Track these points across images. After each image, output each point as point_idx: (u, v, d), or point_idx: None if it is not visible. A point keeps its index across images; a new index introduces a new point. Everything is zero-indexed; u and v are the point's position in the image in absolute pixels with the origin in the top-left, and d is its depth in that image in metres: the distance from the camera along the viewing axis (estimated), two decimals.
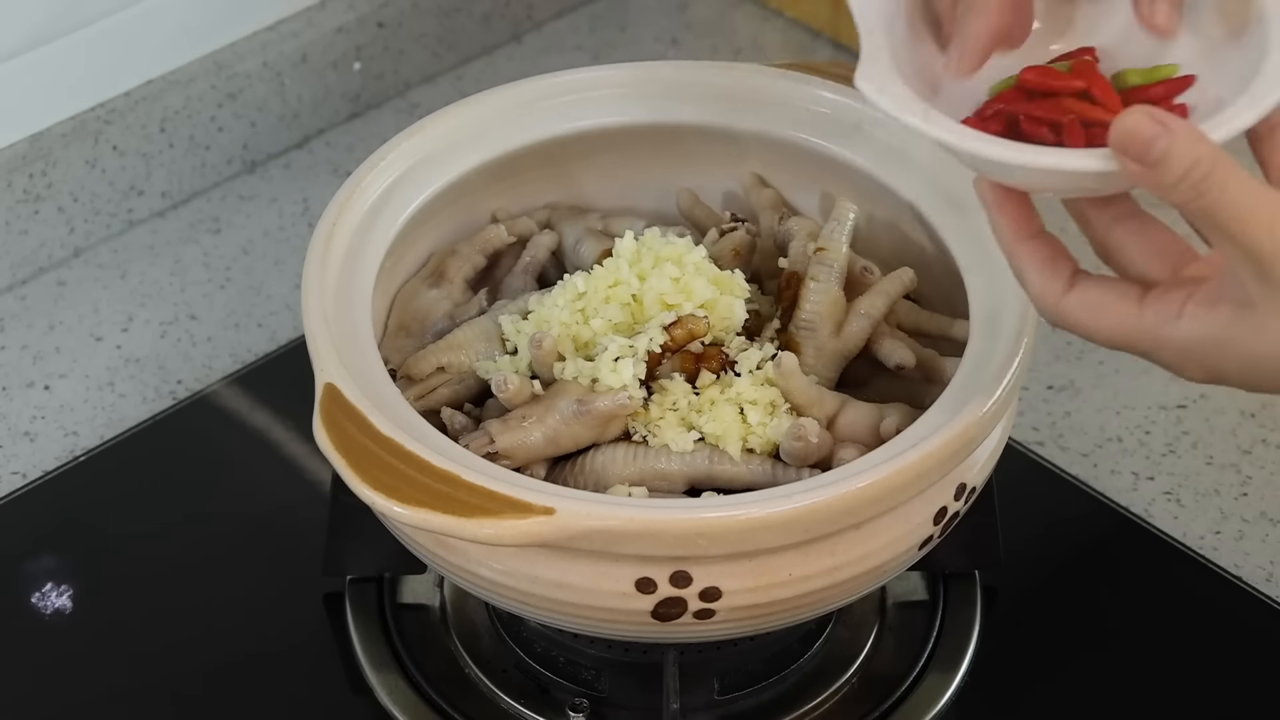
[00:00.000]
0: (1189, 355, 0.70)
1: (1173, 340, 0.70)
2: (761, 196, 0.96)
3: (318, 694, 0.93)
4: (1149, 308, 0.71)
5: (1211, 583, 0.98)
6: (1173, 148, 0.66)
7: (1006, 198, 0.73)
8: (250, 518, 1.01)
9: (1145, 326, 0.71)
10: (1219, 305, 0.69)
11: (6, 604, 0.97)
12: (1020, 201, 0.73)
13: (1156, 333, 0.71)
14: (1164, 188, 0.67)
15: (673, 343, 0.85)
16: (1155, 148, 0.66)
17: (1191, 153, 0.66)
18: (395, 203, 0.91)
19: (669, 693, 0.88)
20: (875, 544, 0.80)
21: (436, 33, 1.29)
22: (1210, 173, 0.66)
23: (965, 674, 0.93)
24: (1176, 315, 0.70)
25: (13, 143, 1.14)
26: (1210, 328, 0.70)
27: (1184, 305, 0.70)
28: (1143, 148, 0.66)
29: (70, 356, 1.11)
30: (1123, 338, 0.71)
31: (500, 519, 0.75)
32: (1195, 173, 0.66)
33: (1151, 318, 0.71)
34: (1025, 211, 0.73)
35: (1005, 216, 0.73)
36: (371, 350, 0.84)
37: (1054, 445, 1.05)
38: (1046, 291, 0.72)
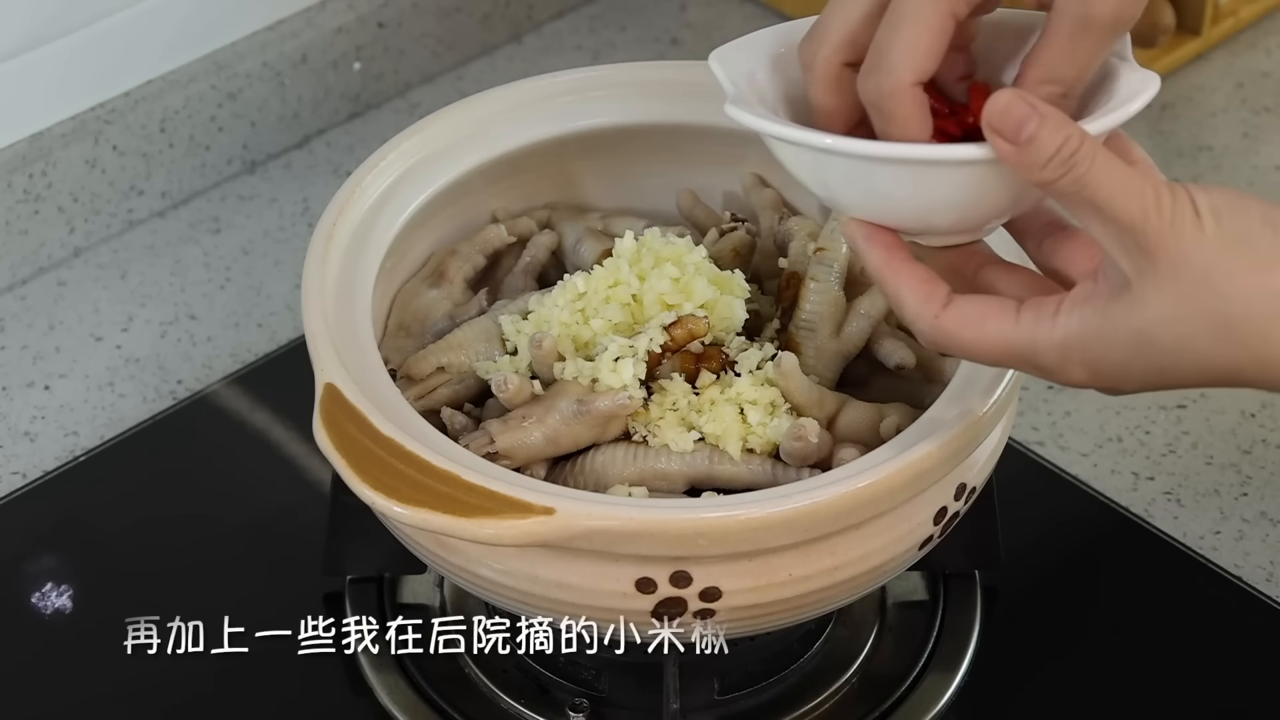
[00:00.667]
0: (1069, 353, 0.70)
1: (1051, 340, 0.70)
2: (761, 196, 0.96)
3: (318, 694, 0.93)
4: (1025, 314, 0.71)
5: (1211, 583, 0.98)
6: (1043, 127, 0.67)
7: (875, 230, 0.74)
8: (250, 518, 1.01)
9: (1022, 332, 0.71)
10: (1094, 297, 0.70)
11: (6, 604, 0.97)
12: (888, 232, 0.74)
13: (1033, 335, 0.71)
14: (1035, 166, 0.68)
15: (673, 343, 0.85)
16: (1027, 127, 0.67)
17: (1061, 131, 0.67)
18: (395, 203, 0.91)
19: (669, 693, 0.87)
20: (875, 544, 0.80)
21: (436, 33, 1.29)
22: (1079, 149, 0.67)
23: (965, 674, 0.93)
24: (1052, 314, 0.70)
25: (13, 143, 1.14)
26: (1087, 318, 0.69)
27: (1060, 303, 0.70)
28: (1015, 126, 0.68)
29: (70, 356, 1.11)
30: (1002, 346, 0.71)
31: (500, 519, 0.75)
32: (1065, 148, 0.67)
33: (1028, 322, 0.71)
34: (894, 240, 0.74)
35: (875, 246, 0.74)
36: (371, 350, 0.84)
37: (1054, 445, 1.05)
38: (923, 311, 0.73)
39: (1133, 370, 0.70)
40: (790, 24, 0.81)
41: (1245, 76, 1.28)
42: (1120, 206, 0.67)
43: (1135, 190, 0.67)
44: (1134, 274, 0.68)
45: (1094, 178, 0.68)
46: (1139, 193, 0.67)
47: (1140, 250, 0.67)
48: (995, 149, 0.68)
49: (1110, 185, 0.67)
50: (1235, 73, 1.28)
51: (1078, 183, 0.68)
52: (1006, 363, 0.72)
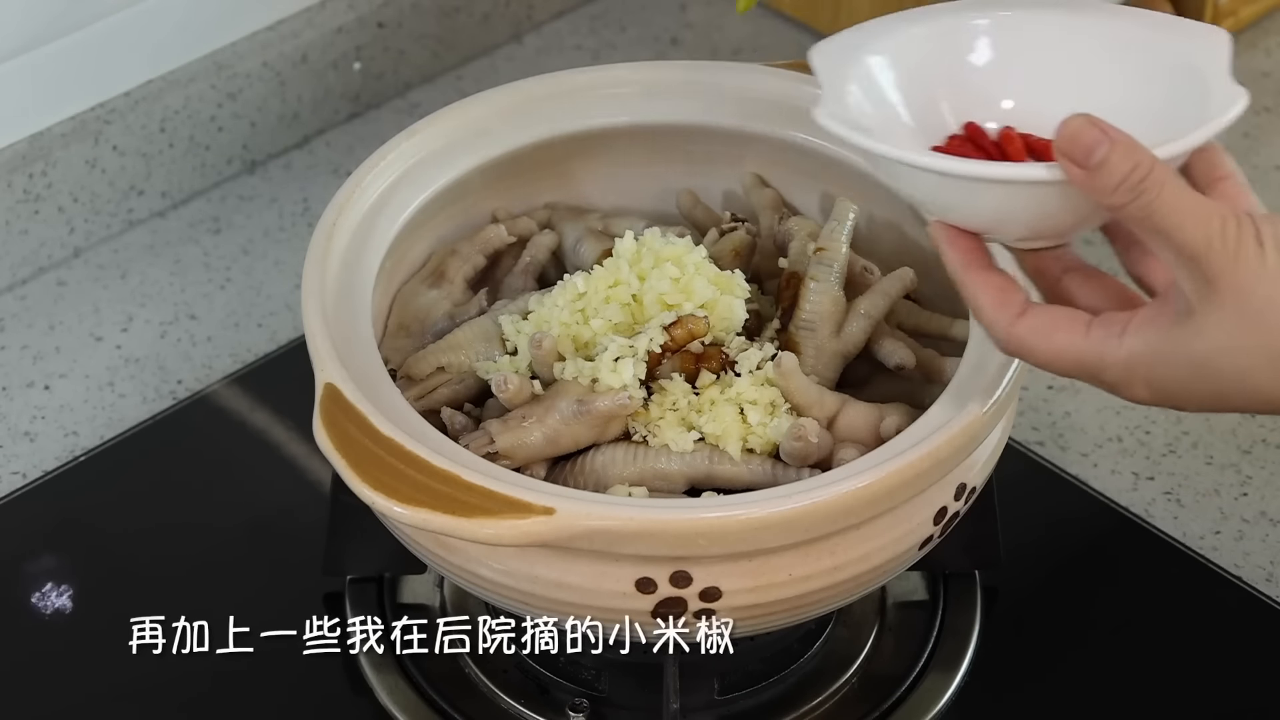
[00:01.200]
0: (1134, 371, 0.71)
1: (1117, 357, 0.71)
2: (761, 196, 0.96)
3: (318, 694, 0.93)
4: (1095, 327, 0.72)
5: (1211, 583, 0.98)
6: (1113, 152, 0.68)
7: (957, 234, 0.75)
8: (250, 518, 1.01)
9: (1091, 346, 0.72)
10: (1160, 319, 0.71)
11: (6, 604, 0.97)
12: (971, 237, 0.75)
13: (1101, 350, 0.72)
14: (1104, 190, 0.69)
15: (673, 343, 0.85)
16: (1098, 152, 0.68)
17: (1131, 157, 0.68)
18: (395, 203, 0.91)
19: (669, 693, 0.87)
20: (875, 544, 0.80)
21: (436, 33, 1.29)
22: (1148, 175, 0.68)
23: (965, 674, 0.93)
24: (1121, 332, 0.72)
25: (13, 143, 1.14)
26: (1152, 340, 0.71)
27: (1129, 322, 0.72)
28: (1085, 151, 0.69)
29: (70, 356, 1.11)
30: (1071, 358, 0.73)
31: (500, 519, 0.75)
32: (1134, 175, 0.68)
33: (1097, 336, 0.72)
34: (976, 245, 0.75)
35: (956, 249, 0.75)
36: (371, 350, 0.84)
37: (1054, 445, 1.05)
38: (999, 318, 0.74)
39: (1194, 393, 0.71)
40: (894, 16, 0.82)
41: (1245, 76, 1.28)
42: (1186, 234, 0.68)
43: (1202, 218, 0.68)
44: (1197, 301, 0.69)
45: (1161, 204, 0.68)
46: (1205, 221, 0.68)
47: (1204, 278, 0.68)
48: (1065, 172, 0.69)
49: (1177, 213, 0.68)
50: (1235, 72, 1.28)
51: (1145, 209, 0.68)
52: (1074, 374, 0.73)
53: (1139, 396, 0.72)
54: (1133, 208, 0.69)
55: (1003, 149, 0.79)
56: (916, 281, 0.90)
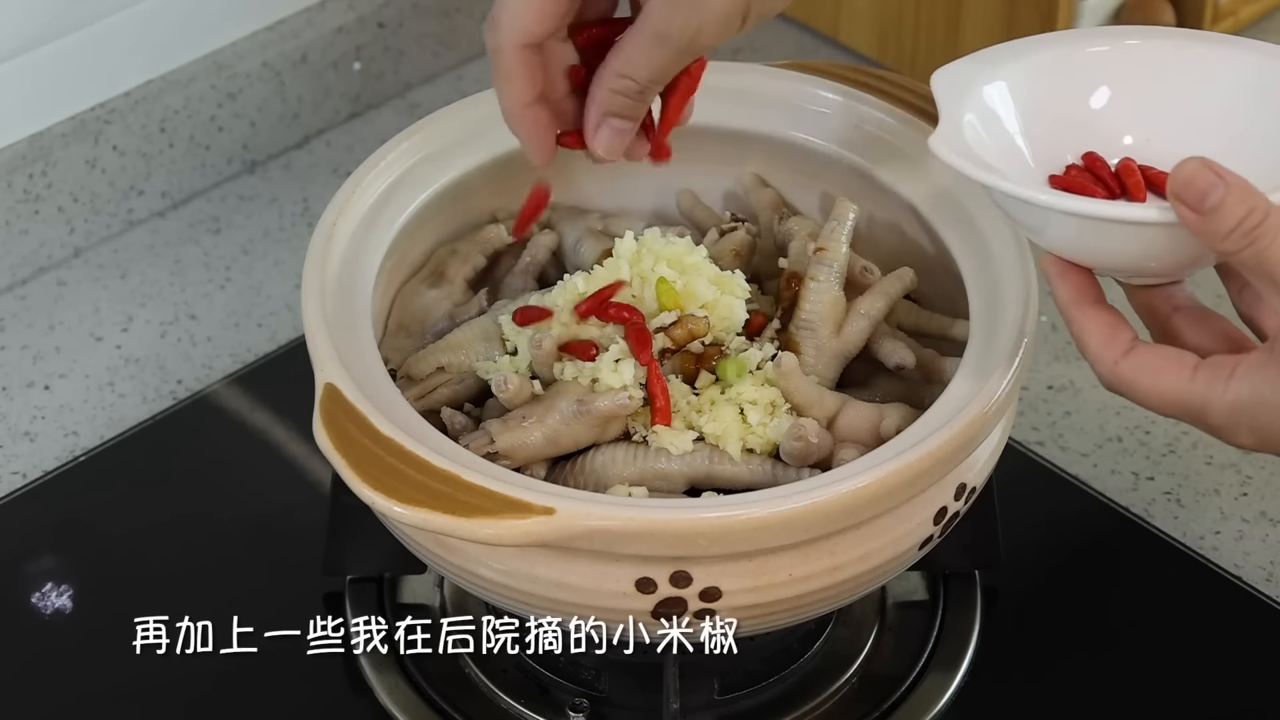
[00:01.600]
0: (1239, 417, 0.71)
1: (1222, 402, 0.71)
2: (761, 196, 0.96)
3: (318, 694, 0.93)
4: (1202, 371, 0.72)
5: (1211, 583, 0.98)
6: (1228, 197, 0.68)
7: (1068, 268, 0.75)
8: (250, 518, 1.01)
9: (1197, 389, 0.72)
10: (1270, 366, 0.70)
11: (6, 604, 0.97)
12: (1082, 271, 0.75)
13: (1207, 395, 0.71)
14: (1218, 236, 0.68)
15: (673, 343, 0.85)
16: (1212, 196, 0.68)
17: (1246, 203, 0.68)
18: (395, 203, 0.91)
19: (669, 693, 0.87)
20: (875, 544, 0.80)
21: (436, 33, 1.29)
22: (1263, 222, 0.68)
23: (965, 674, 0.93)
24: (1228, 377, 0.71)
25: (13, 143, 1.14)
26: (1259, 386, 0.70)
27: (1235, 367, 0.71)
28: (1199, 196, 0.68)
29: (70, 356, 1.11)
30: (1175, 400, 0.72)
31: (500, 519, 0.75)
32: (1248, 221, 0.68)
33: (1203, 380, 0.72)
34: (1086, 279, 0.75)
35: (1066, 284, 0.75)
36: (371, 350, 0.84)
37: (1054, 445, 1.05)
38: (1104, 355, 0.74)
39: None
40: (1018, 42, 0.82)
41: None
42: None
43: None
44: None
45: (1276, 252, 0.68)
46: None
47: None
48: (1179, 215, 0.69)
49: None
50: None
51: (1258, 256, 0.68)
52: (1177, 415, 0.73)
53: (1243, 443, 0.72)
54: (1245, 255, 0.68)
55: (1121, 181, 0.78)
56: (916, 281, 0.90)
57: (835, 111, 0.94)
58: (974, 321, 0.85)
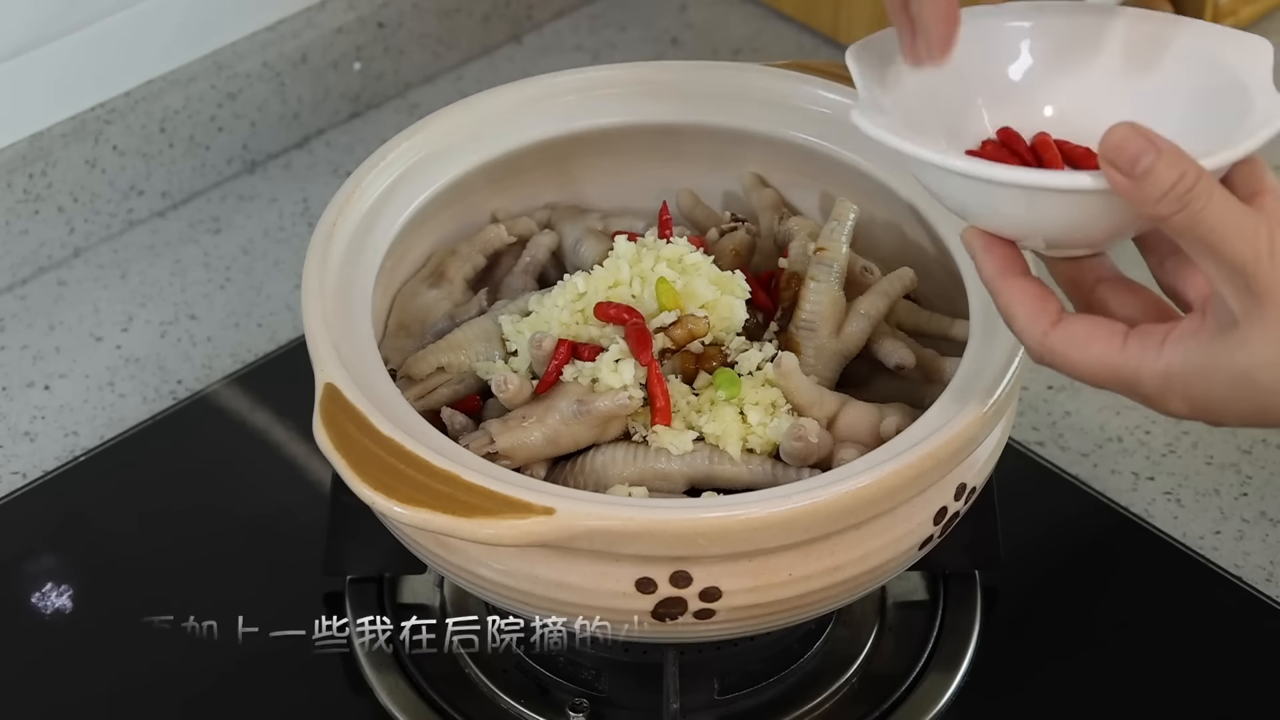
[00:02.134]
0: (1170, 385, 0.70)
1: (1154, 370, 0.71)
2: (761, 196, 0.96)
3: (318, 694, 0.93)
4: (1132, 340, 0.71)
5: (1211, 583, 0.98)
6: (1159, 161, 0.67)
7: (993, 241, 0.74)
8: (250, 518, 1.01)
9: (1128, 358, 0.71)
10: (1200, 332, 0.70)
11: (6, 604, 0.97)
12: (1006, 244, 0.74)
13: (1138, 363, 0.71)
14: (1149, 200, 0.68)
15: (673, 343, 0.85)
16: (1143, 161, 0.67)
17: (1178, 166, 0.67)
18: (395, 203, 0.91)
19: (669, 693, 0.87)
20: (875, 544, 0.80)
21: (436, 33, 1.29)
22: (1195, 186, 0.67)
23: (965, 674, 0.93)
24: (1159, 344, 0.71)
25: (13, 143, 1.14)
26: (1192, 353, 0.70)
27: (1167, 335, 0.71)
28: (1131, 160, 0.67)
29: (70, 356, 1.11)
30: (1105, 370, 0.72)
31: (500, 519, 0.75)
32: (1180, 185, 0.67)
33: (1134, 349, 0.71)
34: (1012, 252, 0.74)
35: (991, 256, 0.74)
36: (371, 350, 0.84)
37: (1054, 445, 1.05)
38: (1032, 326, 0.73)
39: (1233, 408, 0.70)
40: None
41: None
42: (1232, 248, 0.67)
43: (1249, 231, 0.67)
44: (1241, 315, 0.68)
45: (1208, 216, 0.67)
46: (1253, 234, 0.67)
47: (1249, 292, 0.67)
48: (1110, 181, 0.68)
49: (1224, 225, 0.67)
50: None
51: (1191, 220, 0.67)
52: (1109, 385, 0.72)
53: (1176, 410, 0.71)
54: (1178, 219, 0.67)
55: (1038, 155, 0.78)
56: (916, 281, 0.90)
57: (835, 111, 0.94)
58: (974, 321, 0.85)
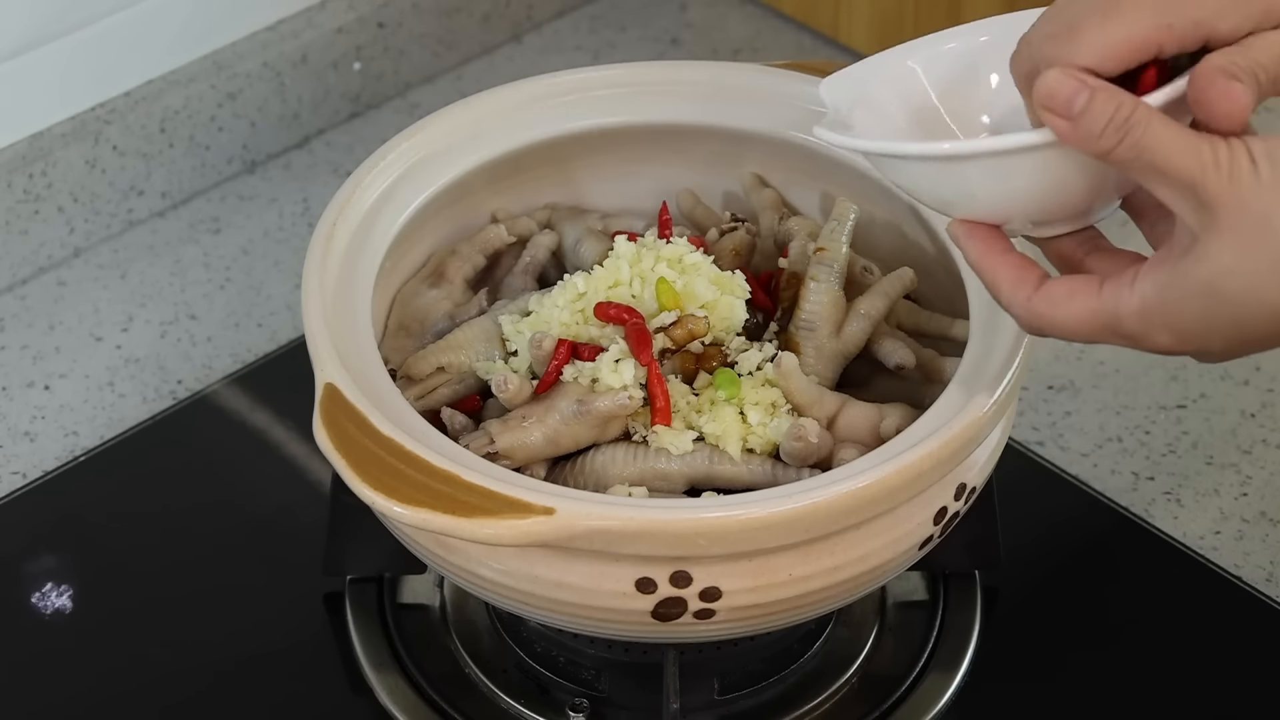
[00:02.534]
0: (1149, 318, 0.71)
1: (1130, 306, 0.71)
2: (761, 196, 0.96)
3: (318, 694, 0.93)
4: (1107, 285, 0.72)
5: (1211, 583, 0.98)
6: (1094, 96, 0.68)
7: (974, 226, 0.75)
8: (250, 518, 1.01)
9: (1104, 302, 0.72)
10: (1167, 259, 0.70)
11: (6, 604, 0.97)
12: (988, 227, 0.75)
13: (1115, 304, 0.72)
14: (1091, 136, 0.69)
15: (673, 343, 0.85)
16: (1078, 100, 0.69)
17: (1113, 99, 0.68)
18: (395, 203, 0.91)
19: (669, 693, 0.88)
20: (875, 544, 0.80)
21: (436, 33, 1.29)
22: (1133, 114, 0.68)
23: (965, 674, 0.93)
24: (1130, 281, 0.71)
25: (13, 143, 1.14)
26: (1160, 280, 0.70)
27: (1138, 271, 0.71)
28: (1066, 102, 0.69)
29: (70, 356, 1.11)
30: (1088, 320, 0.72)
31: (500, 519, 0.75)
32: (1119, 115, 0.68)
33: (1109, 293, 0.72)
34: (993, 233, 0.75)
35: (974, 240, 0.75)
36: (371, 350, 0.84)
37: (1054, 445, 1.05)
38: (1016, 295, 0.74)
39: (1213, 328, 0.70)
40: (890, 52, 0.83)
41: None
42: (1178, 164, 0.68)
43: (1192, 148, 0.68)
44: (1199, 229, 0.69)
45: (1150, 139, 0.68)
46: (1196, 150, 0.68)
47: (1201, 204, 0.68)
48: (1051, 127, 0.69)
49: (1167, 146, 0.68)
50: None
51: (1135, 148, 0.68)
52: (1096, 337, 0.73)
53: (1162, 344, 0.71)
54: (1122, 149, 0.68)
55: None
56: (916, 281, 0.90)
57: None
58: (974, 321, 0.85)
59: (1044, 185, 0.73)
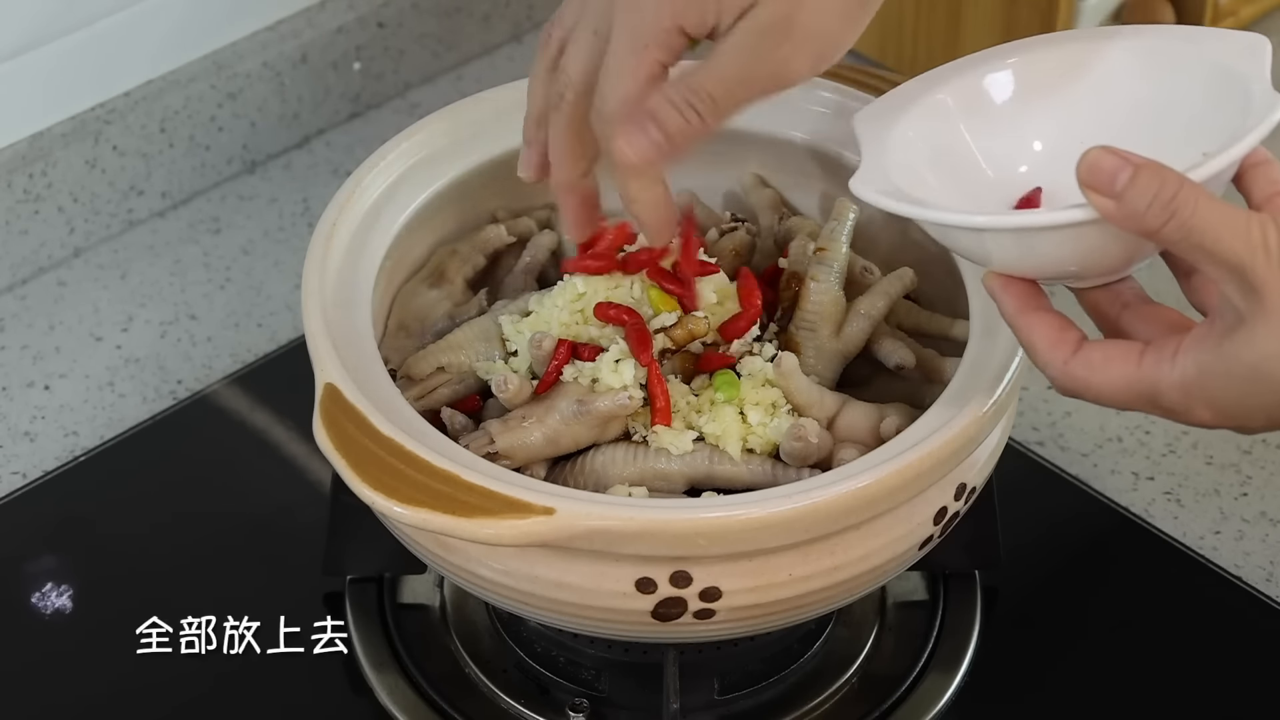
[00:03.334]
0: (1190, 393, 0.71)
1: (1171, 381, 0.71)
2: (761, 196, 0.96)
3: (318, 694, 0.93)
4: (1148, 354, 0.72)
5: (1211, 583, 0.98)
6: (1138, 175, 0.68)
7: (1011, 280, 0.75)
8: (250, 518, 1.01)
9: (1145, 373, 0.72)
10: (1210, 336, 0.70)
11: (6, 604, 0.97)
12: (1025, 282, 0.75)
13: (1155, 377, 0.71)
14: (1136, 216, 0.68)
15: (673, 344, 0.85)
16: (1120, 177, 0.68)
17: (1157, 176, 0.68)
18: (395, 203, 0.91)
19: (669, 693, 0.87)
20: (875, 544, 0.80)
21: (436, 33, 1.29)
22: (1178, 193, 0.68)
23: (965, 674, 0.93)
24: (1173, 354, 0.71)
25: (13, 143, 1.14)
26: (1204, 358, 0.70)
27: (1180, 344, 0.71)
28: (1109, 179, 0.68)
29: (70, 356, 1.11)
30: (1126, 387, 0.72)
31: (500, 519, 0.75)
32: (1163, 193, 0.68)
33: (1150, 363, 0.72)
34: (1031, 289, 0.75)
35: (1010, 295, 0.75)
36: (371, 350, 0.84)
37: (1054, 445, 1.05)
38: (1054, 357, 0.74)
39: (1252, 406, 0.70)
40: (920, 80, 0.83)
41: None
42: (1226, 247, 0.68)
43: (1240, 228, 0.68)
44: (1246, 311, 0.68)
45: (1198, 220, 0.68)
46: (1244, 230, 0.68)
47: (1249, 287, 0.68)
48: (1095, 205, 0.69)
49: (1214, 226, 0.68)
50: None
51: (1182, 228, 0.68)
52: (1133, 405, 0.73)
53: (1202, 419, 0.71)
54: (1169, 229, 0.68)
55: None
56: (916, 281, 0.90)
57: (835, 111, 0.94)
58: (974, 321, 0.85)
59: (1085, 251, 0.73)
